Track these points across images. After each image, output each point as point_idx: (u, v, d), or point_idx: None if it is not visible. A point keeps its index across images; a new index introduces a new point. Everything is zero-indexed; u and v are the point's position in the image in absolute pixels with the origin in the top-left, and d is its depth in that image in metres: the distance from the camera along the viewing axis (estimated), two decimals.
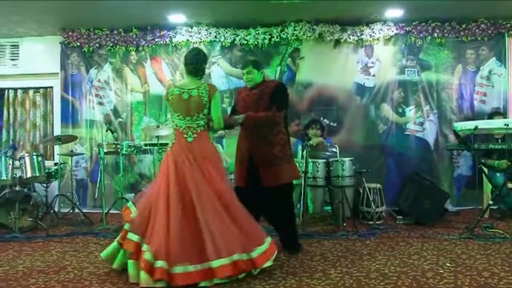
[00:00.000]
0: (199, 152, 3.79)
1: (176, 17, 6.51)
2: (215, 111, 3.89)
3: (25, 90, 7.50)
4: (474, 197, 6.41)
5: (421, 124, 6.78)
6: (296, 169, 4.49)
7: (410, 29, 6.70)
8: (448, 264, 3.92)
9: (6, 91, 7.49)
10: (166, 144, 5.69)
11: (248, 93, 4.43)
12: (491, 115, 6.36)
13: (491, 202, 5.20)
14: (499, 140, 5.95)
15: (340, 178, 5.33)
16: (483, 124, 5.17)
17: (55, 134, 7.03)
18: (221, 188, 3.74)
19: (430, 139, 6.76)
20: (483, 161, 5.71)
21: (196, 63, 3.94)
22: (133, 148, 5.98)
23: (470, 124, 5.09)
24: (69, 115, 7.05)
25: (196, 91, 3.86)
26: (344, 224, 5.39)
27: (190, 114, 3.87)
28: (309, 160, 5.41)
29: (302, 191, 5.17)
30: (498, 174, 5.92)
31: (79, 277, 3.74)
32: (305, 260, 4.14)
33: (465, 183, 6.73)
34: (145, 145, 6.12)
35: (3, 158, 5.57)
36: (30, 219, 5.57)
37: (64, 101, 7.08)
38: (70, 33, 6.93)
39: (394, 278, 3.59)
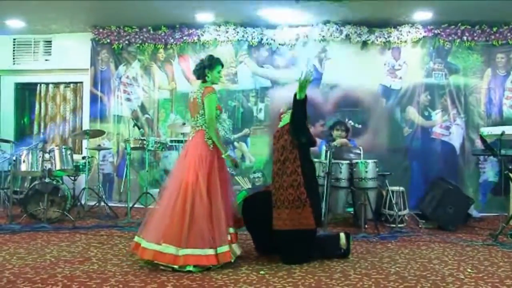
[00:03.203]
0: (190, 148, 4.09)
1: (205, 16, 6.60)
2: (207, 111, 4.07)
3: (56, 84, 7.75)
4: (499, 203, 6.30)
5: (447, 128, 6.70)
6: (308, 217, 4.01)
7: (439, 31, 6.63)
8: (469, 270, 3.87)
9: (39, 85, 7.75)
10: None
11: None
12: None
13: None
14: None
15: (363, 180, 5.33)
16: (510, 129, 5.07)
17: (83, 128, 7.22)
18: (185, 182, 3.90)
19: (456, 144, 6.68)
20: (510, 167, 5.60)
21: (194, 69, 4.30)
22: (159, 144, 6.08)
23: (497, 129, 5.01)
24: (98, 110, 7.25)
25: (196, 94, 4.15)
26: (366, 226, 5.38)
27: (192, 115, 4.22)
28: (333, 161, 5.40)
29: (325, 192, 5.16)
30: None
31: (103, 268, 3.84)
32: (325, 260, 4.14)
33: (490, 189, 6.62)
34: (171, 141, 6.22)
35: (34, 151, 5.74)
36: (58, 210, 5.72)
37: (93, 96, 7.27)
38: (100, 30, 7.11)
39: (413, 281, 3.57)
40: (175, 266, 3.74)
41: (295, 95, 4.01)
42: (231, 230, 4.07)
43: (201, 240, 3.80)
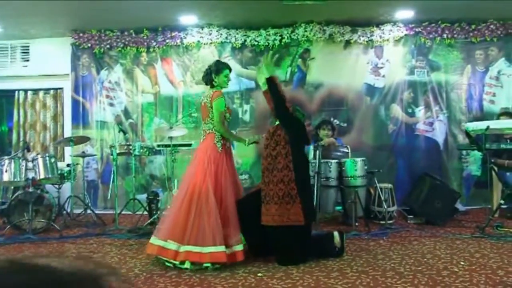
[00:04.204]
0: (200, 150, 4.33)
1: (188, 18, 6.54)
2: (215, 114, 4.27)
3: (35, 91, 7.51)
4: (482, 196, 6.46)
5: (431, 124, 6.81)
6: (297, 213, 4.03)
7: (420, 30, 6.73)
8: (462, 263, 3.94)
9: (16, 92, 7.51)
10: (179, 145, 5.78)
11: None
12: (499, 116, 6.37)
13: (502, 202, 5.22)
14: (508, 140, 5.95)
15: (352, 178, 5.37)
16: (494, 124, 5.19)
17: (65, 135, 7.07)
18: (191, 182, 4.13)
19: (440, 139, 6.79)
20: (493, 160, 5.72)
21: (203, 75, 4.53)
22: (145, 149, 5.98)
23: (482, 124, 5.11)
24: (80, 116, 7.08)
25: (206, 98, 4.37)
26: (357, 224, 5.42)
27: (203, 119, 4.44)
28: (322, 160, 5.43)
29: (316, 191, 5.17)
30: (508, 174, 5.93)
31: None
32: (320, 259, 4.16)
33: (474, 182, 6.76)
34: (158, 146, 6.13)
35: (16, 160, 5.58)
36: (43, 220, 5.57)
37: (74, 102, 7.11)
38: (81, 35, 6.95)
39: (410, 276, 3.62)
40: (176, 262, 3.90)
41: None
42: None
43: (202, 237, 3.89)
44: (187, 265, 3.87)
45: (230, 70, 4.48)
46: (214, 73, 4.36)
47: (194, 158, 4.35)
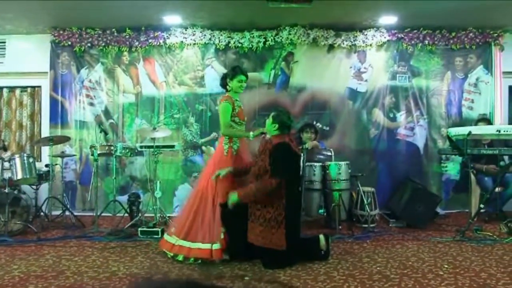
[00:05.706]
0: (212, 154, 4.84)
1: (172, 19, 6.44)
2: (220, 117, 4.50)
3: (12, 89, 7.24)
4: (460, 200, 6.59)
5: (411, 129, 6.90)
6: (280, 238, 4.03)
7: (402, 36, 6.81)
8: (446, 266, 4.01)
9: None
10: (162, 146, 5.71)
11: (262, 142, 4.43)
12: (477, 122, 6.50)
13: (482, 206, 5.31)
14: (485, 146, 6.09)
15: (336, 182, 5.39)
16: (476, 129, 5.30)
17: (42, 135, 6.87)
18: (199, 183, 4.53)
19: (420, 144, 6.88)
20: (472, 165, 5.83)
21: (220, 78, 4.79)
22: (127, 150, 5.86)
23: (463, 130, 5.21)
24: (58, 115, 6.86)
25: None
26: (340, 227, 5.44)
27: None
28: (306, 163, 5.42)
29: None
30: (486, 178, 6.06)
31: (80, 282, 3.67)
32: (307, 262, 4.16)
33: (452, 187, 6.87)
34: (141, 147, 6.02)
35: None
36: (20, 222, 5.40)
37: (53, 101, 6.89)
38: (61, 32, 6.75)
39: (396, 280, 3.66)
40: (171, 254, 4.29)
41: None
42: None
43: (193, 235, 4.22)
44: (180, 257, 4.22)
45: (247, 77, 4.57)
46: (229, 77, 4.50)
47: (208, 160, 4.78)
